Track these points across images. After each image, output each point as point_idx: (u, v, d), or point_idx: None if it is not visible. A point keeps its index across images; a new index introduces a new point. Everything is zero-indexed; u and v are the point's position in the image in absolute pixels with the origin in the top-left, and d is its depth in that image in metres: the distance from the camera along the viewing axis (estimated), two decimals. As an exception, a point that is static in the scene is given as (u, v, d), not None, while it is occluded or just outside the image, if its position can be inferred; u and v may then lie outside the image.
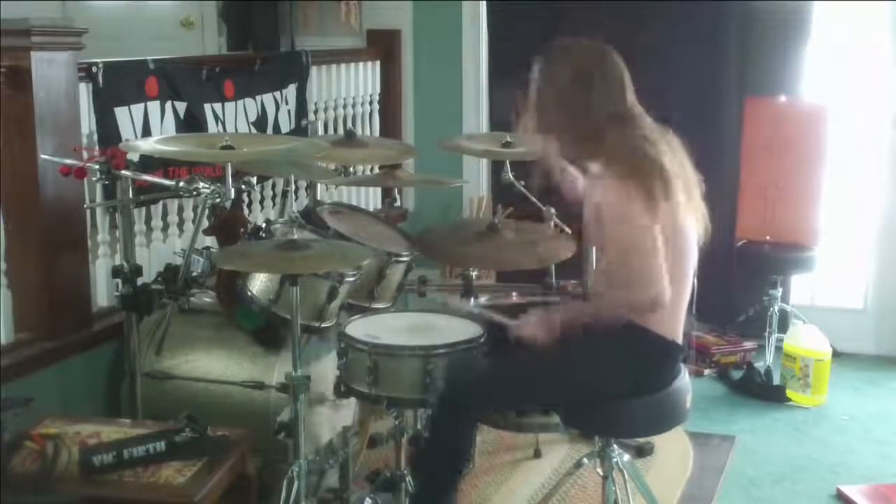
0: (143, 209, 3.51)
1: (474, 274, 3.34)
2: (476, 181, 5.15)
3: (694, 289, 2.64)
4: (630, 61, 2.62)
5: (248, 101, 4.12)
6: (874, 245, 4.84)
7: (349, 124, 4.81)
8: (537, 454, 3.65)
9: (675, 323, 2.57)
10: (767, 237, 4.66)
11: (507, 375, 2.61)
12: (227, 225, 2.96)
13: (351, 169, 3.69)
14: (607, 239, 2.50)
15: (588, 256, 3.28)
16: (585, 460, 2.85)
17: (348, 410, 3.14)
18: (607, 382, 2.54)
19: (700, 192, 2.59)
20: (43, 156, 2.98)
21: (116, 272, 2.91)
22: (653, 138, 2.51)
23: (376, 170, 4.32)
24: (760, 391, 4.34)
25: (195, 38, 5.80)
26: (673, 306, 2.50)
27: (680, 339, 2.60)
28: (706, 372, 4.57)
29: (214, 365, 3.04)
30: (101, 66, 3.32)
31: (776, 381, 4.36)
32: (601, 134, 2.50)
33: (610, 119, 2.52)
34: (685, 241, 2.56)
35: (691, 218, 2.57)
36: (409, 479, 2.95)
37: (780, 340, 4.46)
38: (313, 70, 4.57)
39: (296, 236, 2.64)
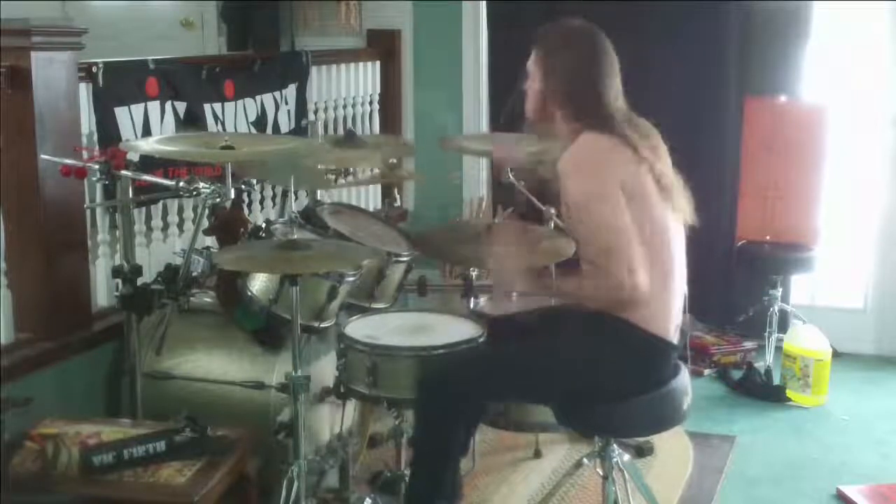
0: (143, 209, 3.51)
1: (474, 274, 3.34)
2: (476, 181, 5.16)
3: (685, 293, 2.63)
4: (630, 61, 2.63)
5: (248, 101, 4.12)
6: (874, 245, 4.83)
7: (349, 124, 4.81)
8: (537, 454, 3.65)
9: (664, 320, 2.56)
10: (767, 237, 4.65)
11: (500, 370, 2.61)
12: (227, 225, 2.96)
13: (351, 169, 3.69)
14: (576, 222, 2.52)
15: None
16: (585, 460, 2.85)
17: (348, 410, 3.14)
18: (599, 380, 2.54)
19: (685, 197, 2.60)
20: (43, 156, 2.98)
21: (116, 272, 2.91)
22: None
23: (376, 170, 4.31)
24: (760, 391, 4.33)
25: (195, 38, 5.80)
26: (660, 302, 2.51)
27: (672, 337, 2.59)
28: (706, 372, 4.57)
29: (214, 365, 3.04)
30: (101, 66, 3.32)
31: (776, 381, 4.36)
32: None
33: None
34: (665, 234, 2.55)
35: (671, 214, 2.57)
36: (408, 479, 2.94)
37: (780, 340, 4.45)
38: (313, 70, 4.57)
39: (296, 236, 2.64)
